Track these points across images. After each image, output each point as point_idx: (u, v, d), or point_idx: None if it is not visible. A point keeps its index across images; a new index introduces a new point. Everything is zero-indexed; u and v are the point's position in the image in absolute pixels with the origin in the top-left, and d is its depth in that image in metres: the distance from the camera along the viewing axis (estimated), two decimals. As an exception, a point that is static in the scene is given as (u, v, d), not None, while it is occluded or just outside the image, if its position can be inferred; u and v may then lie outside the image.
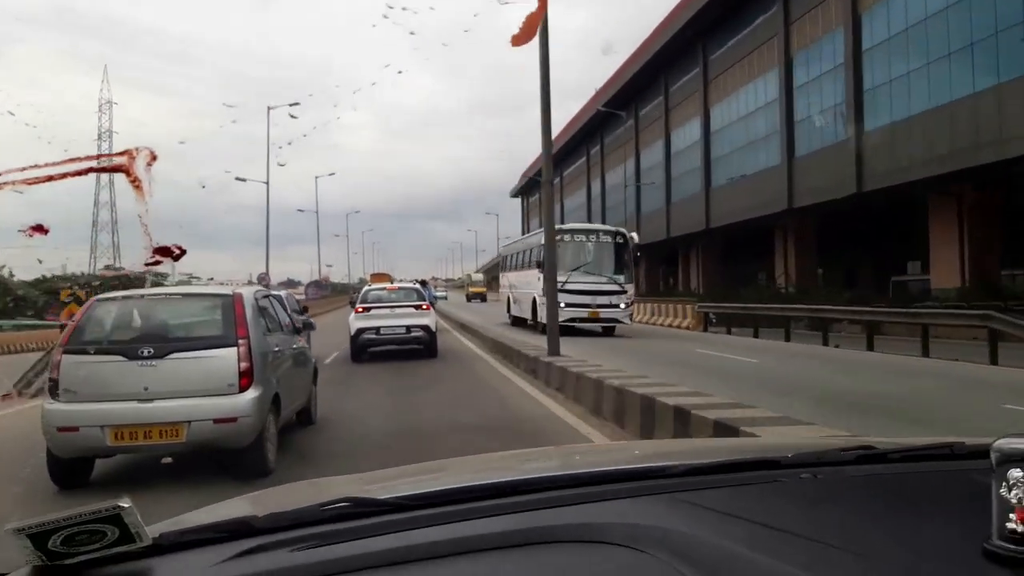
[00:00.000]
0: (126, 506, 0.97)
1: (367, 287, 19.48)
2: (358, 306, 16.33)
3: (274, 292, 9.55)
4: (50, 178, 1.32)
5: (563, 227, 22.27)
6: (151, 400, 5.63)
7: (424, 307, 16.27)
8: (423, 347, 15.98)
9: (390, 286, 18.84)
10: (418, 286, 18.96)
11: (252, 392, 5.83)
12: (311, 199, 56.95)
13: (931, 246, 25.01)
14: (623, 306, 21.53)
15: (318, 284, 57.76)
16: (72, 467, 5.85)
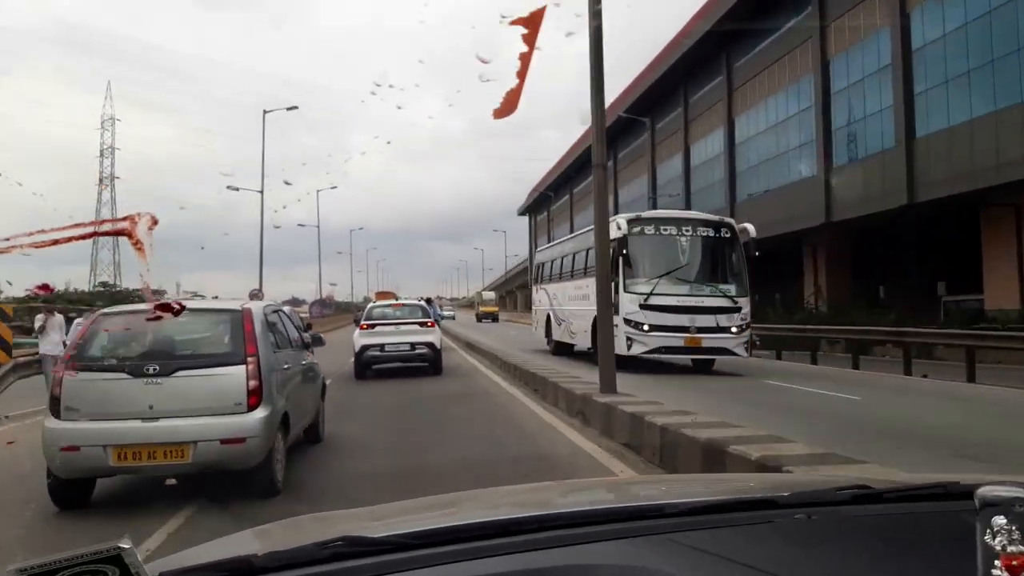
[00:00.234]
0: (126, 547, 0.98)
1: (371, 304, 19.32)
2: (363, 323, 16.12)
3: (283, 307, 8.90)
4: (55, 242, 1.39)
5: (643, 215, 16.09)
6: (156, 419, 5.48)
7: (429, 324, 16.00)
8: (427, 364, 15.69)
9: (395, 303, 18.55)
10: (423, 303, 18.58)
11: (261, 411, 5.68)
12: (315, 218, 55.27)
13: (984, 263, 23.00)
14: (735, 330, 14.91)
15: (322, 303, 57.40)
16: (73, 488, 5.68)
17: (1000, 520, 0.88)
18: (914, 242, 27.89)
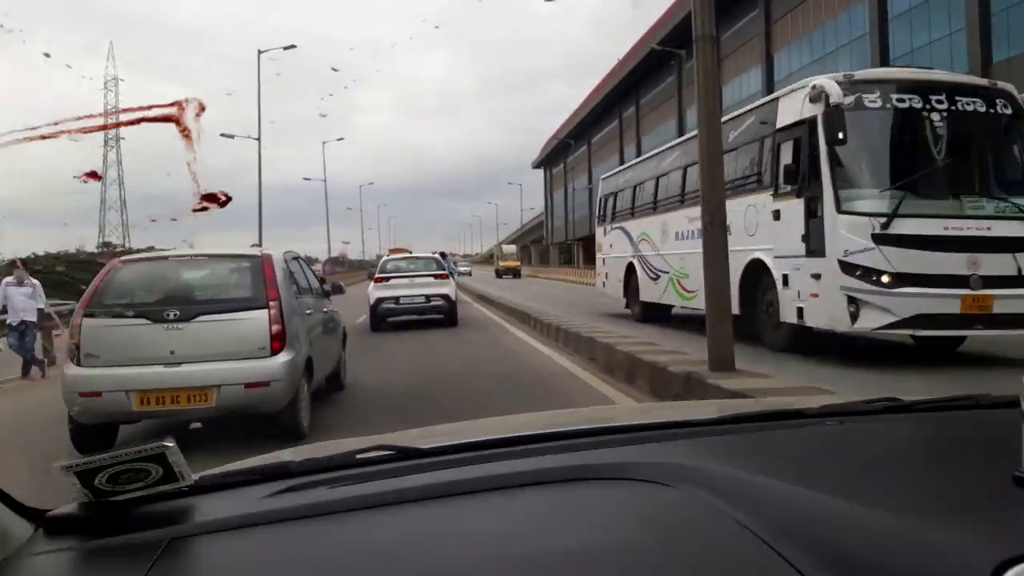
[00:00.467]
0: (170, 445, 0.98)
1: (386, 257, 19.14)
2: (377, 276, 16.10)
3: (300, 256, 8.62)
4: (104, 127, 1.51)
5: (861, 76, 8.65)
6: (178, 364, 5.53)
7: (443, 276, 15.87)
8: (443, 316, 15.52)
9: (409, 256, 18.74)
10: (437, 256, 18.41)
11: (285, 355, 5.73)
12: (327, 176, 53.67)
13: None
14: None
15: (335, 260, 57.64)
16: (95, 433, 5.75)
17: None
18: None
